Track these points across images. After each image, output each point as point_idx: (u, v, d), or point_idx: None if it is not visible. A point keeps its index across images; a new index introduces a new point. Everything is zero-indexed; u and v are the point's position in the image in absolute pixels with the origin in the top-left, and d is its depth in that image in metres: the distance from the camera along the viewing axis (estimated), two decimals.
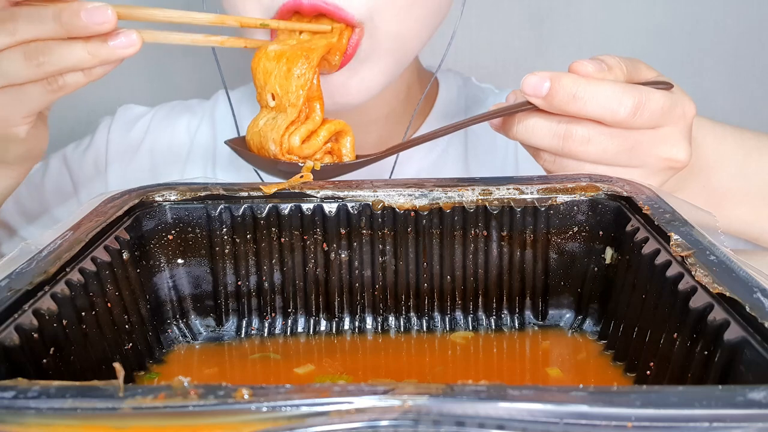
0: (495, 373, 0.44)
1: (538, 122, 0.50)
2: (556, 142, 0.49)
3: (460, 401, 0.25)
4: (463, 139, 0.72)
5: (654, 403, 0.25)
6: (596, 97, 0.47)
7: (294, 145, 0.51)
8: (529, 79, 0.49)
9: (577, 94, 0.47)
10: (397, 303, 0.50)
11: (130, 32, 0.46)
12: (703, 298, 0.36)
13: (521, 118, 0.51)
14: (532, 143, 0.51)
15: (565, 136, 0.49)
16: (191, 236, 0.49)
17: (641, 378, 0.40)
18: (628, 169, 0.50)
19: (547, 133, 0.50)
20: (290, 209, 0.48)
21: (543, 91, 0.48)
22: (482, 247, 0.49)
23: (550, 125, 0.50)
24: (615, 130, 0.49)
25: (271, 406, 0.25)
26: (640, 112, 0.48)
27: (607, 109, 0.48)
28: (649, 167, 0.51)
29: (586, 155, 0.50)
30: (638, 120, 0.48)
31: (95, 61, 0.46)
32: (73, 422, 0.25)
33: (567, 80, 0.48)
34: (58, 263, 0.39)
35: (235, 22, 0.49)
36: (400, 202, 0.48)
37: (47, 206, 0.76)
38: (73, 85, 0.47)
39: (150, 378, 0.44)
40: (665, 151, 0.50)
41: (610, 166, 0.50)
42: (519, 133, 0.51)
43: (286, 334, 0.49)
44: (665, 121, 0.49)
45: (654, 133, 0.50)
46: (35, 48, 0.45)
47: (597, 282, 0.48)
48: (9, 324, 0.34)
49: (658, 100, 0.48)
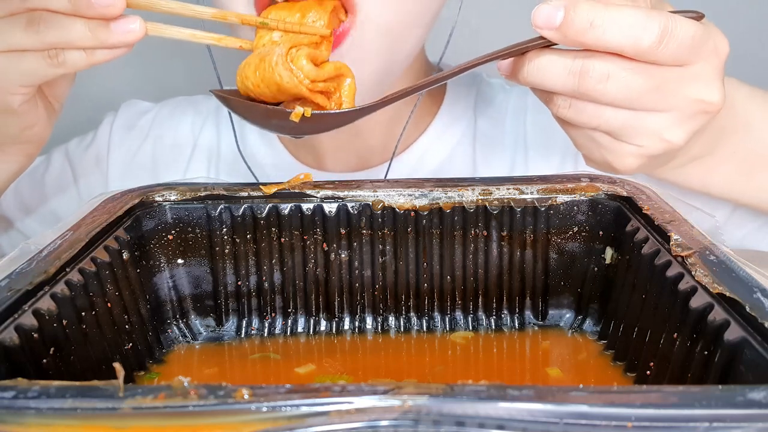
0: (495, 373, 0.44)
1: (552, 59, 0.44)
2: (572, 81, 0.44)
3: (460, 401, 0.25)
4: (472, 141, 0.71)
5: (654, 403, 0.25)
6: (617, 24, 0.42)
7: (308, 72, 0.46)
8: (540, 10, 0.43)
9: (595, 22, 0.42)
10: (397, 303, 0.50)
11: (133, 19, 0.46)
12: (703, 298, 0.36)
13: (532, 57, 0.45)
14: (544, 85, 0.45)
15: (582, 73, 0.43)
16: (191, 236, 0.49)
17: (641, 378, 0.40)
18: (654, 114, 0.45)
19: (562, 70, 0.44)
20: (290, 209, 0.48)
21: (557, 21, 0.42)
22: (482, 247, 0.49)
23: (565, 62, 0.44)
24: (638, 65, 0.43)
25: (271, 406, 0.25)
26: (667, 41, 0.42)
27: (630, 36, 0.42)
28: (679, 111, 0.45)
29: (605, 95, 0.44)
30: (664, 51, 0.42)
31: (95, 41, 0.46)
32: (73, 422, 0.25)
33: (583, 6, 0.42)
34: (58, 263, 0.39)
35: (236, 18, 0.49)
36: (400, 202, 0.48)
37: (47, 201, 0.76)
38: (72, 63, 0.47)
39: (150, 378, 0.44)
40: (696, 91, 0.44)
41: (633, 111, 0.45)
42: (530, 75, 0.45)
43: (286, 334, 0.49)
44: (695, 57, 0.44)
45: (683, 71, 0.44)
46: (38, 16, 0.46)
47: (597, 282, 0.48)
48: (9, 324, 0.34)
49: (687, 29, 0.42)
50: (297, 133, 0.46)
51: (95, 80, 0.48)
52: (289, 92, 0.45)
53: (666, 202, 0.45)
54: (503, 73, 0.47)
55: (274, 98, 0.46)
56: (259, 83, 0.46)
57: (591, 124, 0.45)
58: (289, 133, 0.48)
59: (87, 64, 0.47)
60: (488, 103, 0.73)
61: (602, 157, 0.47)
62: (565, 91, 0.45)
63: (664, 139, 0.45)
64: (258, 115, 0.47)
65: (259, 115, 0.47)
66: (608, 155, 0.47)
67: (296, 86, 0.45)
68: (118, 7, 0.45)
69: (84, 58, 0.47)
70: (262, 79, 0.45)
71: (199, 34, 0.48)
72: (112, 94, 0.85)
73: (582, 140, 0.48)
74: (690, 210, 0.45)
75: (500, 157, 0.70)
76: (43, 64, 0.47)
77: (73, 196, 0.76)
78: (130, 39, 0.46)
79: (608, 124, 0.45)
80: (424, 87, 0.47)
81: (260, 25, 0.49)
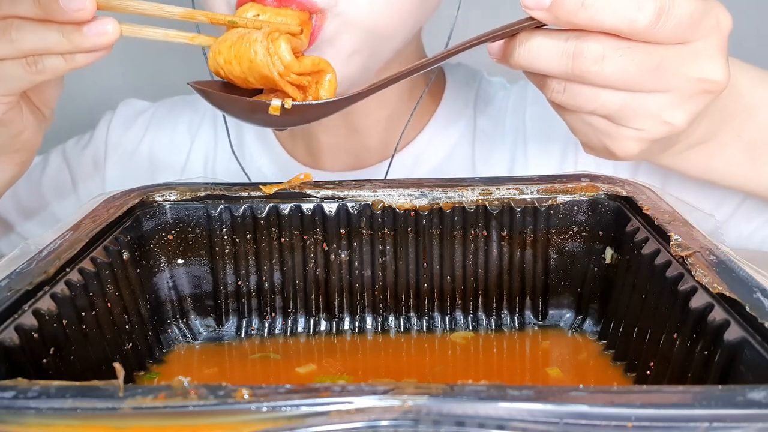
0: (495, 373, 0.44)
1: (544, 41, 0.42)
2: (565, 63, 0.42)
3: (460, 401, 0.25)
4: (471, 140, 0.71)
5: (654, 403, 0.25)
6: (610, 3, 0.40)
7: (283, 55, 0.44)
8: None
9: (587, 1, 0.40)
10: (397, 303, 0.50)
11: (107, 21, 0.45)
12: (703, 298, 0.36)
13: (523, 39, 0.43)
14: (536, 68, 0.43)
15: (575, 54, 0.41)
16: (191, 236, 0.49)
17: (641, 378, 0.40)
18: (654, 94, 0.43)
19: (554, 52, 0.42)
20: (290, 209, 0.48)
21: (547, 1, 0.41)
22: (482, 247, 0.49)
23: (557, 43, 0.42)
24: (635, 44, 0.41)
25: (271, 406, 0.25)
26: (664, 19, 0.40)
27: (624, 16, 0.40)
28: (680, 91, 0.43)
29: (601, 77, 0.42)
30: (662, 30, 0.40)
31: (70, 46, 0.45)
32: (73, 422, 0.25)
33: None
34: (58, 263, 0.39)
35: (204, 17, 0.48)
36: (400, 202, 0.48)
37: (45, 202, 0.75)
38: (52, 69, 0.46)
39: (150, 378, 0.44)
40: (698, 69, 0.42)
41: (632, 93, 0.43)
42: (521, 58, 0.43)
43: (286, 334, 0.49)
44: (696, 34, 0.42)
45: (683, 49, 0.42)
46: (10, 24, 0.45)
47: (597, 282, 0.48)
48: (9, 324, 0.34)
49: (685, 6, 0.40)
50: (279, 125, 0.46)
51: (92, 79, 0.47)
52: (260, 72, 0.44)
53: (666, 202, 0.45)
54: (494, 57, 0.46)
55: (243, 78, 0.45)
56: (231, 59, 0.45)
57: (587, 107, 0.44)
58: (270, 126, 0.47)
59: (67, 69, 0.47)
60: (488, 102, 0.72)
61: (601, 142, 0.46)
62: (558, 74, 0.43)
63: (665, 121, 0.44)
64: (239, 109, 0.46)
65: (240, 109, 0.46)
66: (607, 140, 0.45)
67: (267, 66, 0.44)
68: (88, 10, 0.44)
69: (63, 63, 0.46)
70: (236, 55, 0.45)
71: (172, 33, 0.47)
72: (109, 93, 0.85)
73: (579, 126, 0.46)
74: (690, 210, 0.45)
75: (500, 155, 0.69)
76: (22, 72, 0.46)
77: (71, 197, 0.75)
78: (105, 41, 0.45)
79: (605, 107, 0.43)
80: (408, 74, 0.45)
81: (229, 23, 0.48)
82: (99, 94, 0.90)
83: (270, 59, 0.44)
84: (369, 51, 0.54)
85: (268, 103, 0.44)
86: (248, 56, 0.44)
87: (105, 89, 0.93)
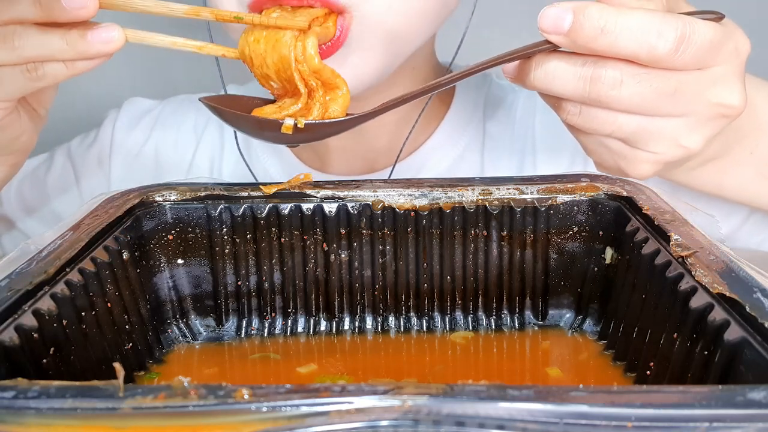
0: (495, 373, 0.44)
1: (560, 65, 0.42)
2: (582, 87, 0.41)
3: (460, 401, 0.25)
4: (480, 147, 0.70)
5: (654, 403, 0.25)
6: (629, 30, 0.39)
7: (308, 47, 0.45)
8: (547, 13, 0.40)
9: (606, 27, 0.39)
10: (397, 303, 0.50)
11: (112, 27, 0.45)
12: (703, 298, 0.36)
13: (540, 61, 0.43)
14: (553, 91, 0.43)
15: (593, 79, 0.41)
16: (191, 236, 0.49)
17: (641, 378, 0.40)
18: (670, 119, 0.43)
19: (571, 76, 0.42)
20: (290, 209, 0.48)
21: (565, 26, 0.40)
22: (482, 247, 0.49)
23: (574, 68, 0.42)
24: (653, 70, 0.41)
25: (271, 406, 0.25)
26: (684, 47, 0.40)
27: (644, 43, 0.39)
28: (697, 116, 0.43)
29: (618, 102, 0.42)
30: (681, 57, 0.40)
31: (73, 53, 0.45)
32: (73, 422, 0.25)
33: (593, 10, 0.40)
34: (58, 263, 0.39)
35: (210, 14, 0.47)
36: (400, 202, 0.48)
37: (49, 201, 0.75)
38: (53, 75, 0.46)
39: (150, 378, 0.44)
40: (716, 95, 0.42)
41: (649, 117, 0.42)
42: (537, 80, 0.43)
43: (286, 334, 0.49)
44: (714, 59, 0.41)
45: (701, 74, 0.42)
46: (12, 31, 0.45)
47: (597, 282, 0.48)
48: (9, 324, 0.34)
49: (705, 33, 0.40)
50: (290, 142, 0.46)
51: (96, 77, 0.47)
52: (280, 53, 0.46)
53: (666, 202, 0.45)
54: (509, 77, 0.46)
55: (262, 60, 0.46)
56: (260, 39, 0.47)
57: (603, 131, 0.44)
58: (281, 143, 0.47)
59: (68, 75, 0.46)
60: (497, 106, 0.71)
61: (615, 163, 0.46)
62: (574, 98, 0.43)
63: (681, 145, 0.44)
64: (250, 126, 0.46)
65: (251, 126, 0.46)
66: (622, 162, 0.46)
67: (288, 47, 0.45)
68: (91, 8, 0.43)
69: (64, 70, 0.46)
70: (266, 37, 0.46)
71: (180, 41, 0.47)
72: (115, 92, 0.85)
73: (593, 146, 0.46)
74: (690, 210, 0.45)
75: (508, 162, 0.69)
76: (22, 79, 0.46)
77: (75, 195, 0.75)
78: (110, 48, 0.44)
79: (621, 130, 0.43)
80: (421, 94, 0.46)
81: (234, 20, 0.48)
82: (103, 92, 0.90)
83: (295, 42, 0.45)
84: (389, 52, 0.54)
85: (280, 122, 0.44)
86: (276, 36, 0.46)
87: (109, 87, 0.92)
